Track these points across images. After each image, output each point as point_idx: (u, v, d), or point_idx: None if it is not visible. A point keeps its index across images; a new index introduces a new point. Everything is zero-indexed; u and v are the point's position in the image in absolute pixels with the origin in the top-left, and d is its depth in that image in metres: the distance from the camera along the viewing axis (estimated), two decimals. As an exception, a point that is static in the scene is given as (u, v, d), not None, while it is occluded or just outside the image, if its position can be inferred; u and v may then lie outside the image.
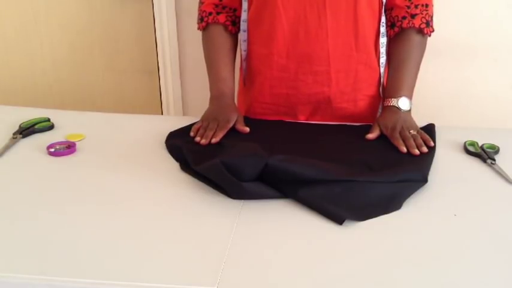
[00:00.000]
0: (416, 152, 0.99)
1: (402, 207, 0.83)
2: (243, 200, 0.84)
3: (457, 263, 0.69)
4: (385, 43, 1.21)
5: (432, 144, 1.03)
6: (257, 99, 1.25)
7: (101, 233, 0.75)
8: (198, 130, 1.09)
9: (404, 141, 1.03)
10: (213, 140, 1.04)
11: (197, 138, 1.05)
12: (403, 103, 1.12)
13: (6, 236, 0.74)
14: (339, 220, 0.78)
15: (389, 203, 0.83)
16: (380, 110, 1.25)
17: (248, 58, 1.24)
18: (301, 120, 1.25)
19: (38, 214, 0.80)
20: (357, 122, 1.20)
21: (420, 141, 1.02)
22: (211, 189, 0.87)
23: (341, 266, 0.68)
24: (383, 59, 1.22)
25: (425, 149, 1.00)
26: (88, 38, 2.09)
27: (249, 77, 1.27)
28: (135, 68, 2.12)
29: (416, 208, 0.83)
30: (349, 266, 0.68)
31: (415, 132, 1.05)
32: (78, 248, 0.71)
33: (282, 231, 0.77)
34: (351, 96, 1.21)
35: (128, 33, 2.06)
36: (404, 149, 1.00)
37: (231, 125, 1.10)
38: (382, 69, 1.22)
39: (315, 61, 1.15)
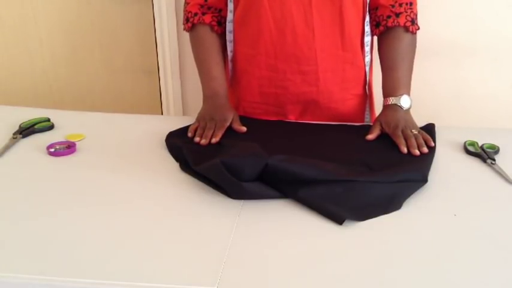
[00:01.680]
0: (417, 152, 0.99)
1: (402, 207, 0.83)
2: (243, 200, 0.84)
3: (457, 263, 0.69)
4: (370, 42, 1.22)
5: (433, 144, 1.03)
6: (246, 98, 1.25)
7: (101, 233, 0.75)
8: (195, 130, 1.09)
9: (405, 139, 1.03)
10: (213, 140, 1.04)
11: (196, 139, 1.05)
12: (404, 101, 1.12)
13: (6, 236, 0.74)
14: (339, 220, 0.78)
15: (389, 203, 0.83)
16: (368, 109, 1.26)
17: (234, 59, 1.24)
18: (291, 119, 1.25)
19: (37, 214, 0.80)
20: (345, 122, 1.21)
21: (421, 140, 1.03)
22: (211, 189, 0.87)
23: (341, 266, 0.68)
24: (368, 58, 1.23)
25: (425, 149, 1.00)
26: (88, 38, 2.09)
27: (235, 77, 1.26)
28: (135, 68, 2.12)
29: (416, 208, 0.83)
30: (349, 265, 0.68)
31: (416, 132, 1.05)
32: (78, 248, 0.71)
33: (282, 231, 0.77)
34: (339, 95, 1.22)
35: (127, 33, 2.06)
36: (405, 150, 1.00)
37: (228, 123, 1.10)
38: (367, 68, 1.23)
39: (302, 61, 1.16)
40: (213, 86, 1.19)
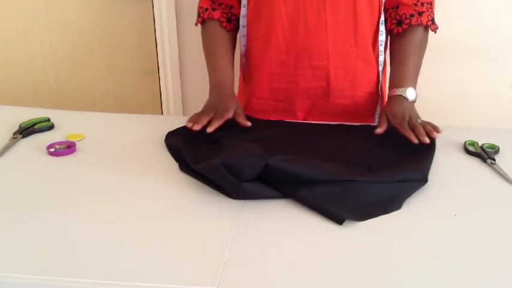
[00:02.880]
0: (427, 140, 0.98)
1: (402, 207, 0.83)
2: (243, 200, 0.84)
3: (457, 263, 0.69)
4: (384, 41, 1.21)
5: (441, 130, 1.02)
6: (256, 94, 1.25)
7: (100, 233, 0.75)
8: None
9: (413, 129, 1.02)
10: (209, 129, 1.02)
11: (189, 124, 1.04)
12: (410, 93, 1.12)
13: (6, 236, 0.74)
14: (339, 220, 0.78)
15: (389, 203, 0.83)
16: (379, 108, 1.26)
17: (247, 53, 1.25)
18: (300, 117, 1.25)
19: (37, 214, 0.80)
20: (355, 119, 1.21)
21: (429, 127, 1.02)
22: (211, 189, 0.87)
23: (341, 265, 0.68)
24: (381, 57, 1.22)
25: (435, 135, 0.99)
26: (88, 38, 2.09)
27: (248, 72, 1.27)
28: (135, 68, 2.12)
29: (416, 208, 0.83)
30: (349, 265, 0.68)
31: (421, 121, 1.06)
32: (78, 248, 0.71)
33: (282, 231, 0.77)
34: (349, 92, 1.22)
35: (128, 33, 2.06)
36: (416, 140, 0.99)
37: (229, 115, 1.09)
38: (380, 67, 1.23)
39: (314, 56, 1.16)
40: (218, 76, 1.20)
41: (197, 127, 1.02)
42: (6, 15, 2.09)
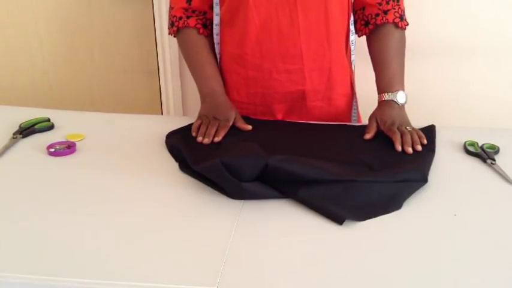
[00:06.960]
0: (410, 150, 1.00)
1: (402, 207, 0.83)
2: (243, 200, 0.84)
3: (457, 262, 0.69)
4: (355, 41, 1.23)
5: (425, 141, 1.03)
6: (233, 98, 1.25)
7: (100, 233, 0.75)
8: (198, 128, 1.09)
9: (401, 135, 1.04)
10: (216, 139, 1.03)
11: (199, 138, 1.04)
12: (400, 97, 1.13)
13: (6, 236, 0.74)
14: (339, 220, 0.78)
15: (390, 203, 0.83)
16: (354, 109, 1.27)
17: (221, 60, 1.25)
18: (278, 119, 1.25)
19: (37, 214, 0.80)
20: (332, 121, 1.22)
21: (416, 138, 1.03)
22: (211, 189, 0.87)
23: (341, 266, 0.68)
24: (353, 57, 1.24)
25: (419, 147, 1.01)
26: (88, 38, 2.09)
27: (222, 78, 1.26)
28: (135, 68, 2.12)
29: (416, 208, 0.83)
30: (349, 265, 0.68)
31: (410, 129, 1.07)
32: (78, 248, 0.71)
33: (282, 231, 0.77)
34: (325, 94, 1.22)
35: (128, 33, 2.06)
36: (400, 148, 1.01)
37: (231, 123, 1.10)
38: (352, 67, 1.24)
39: (288, 59, 1.16)
40: (209, 84, 1.19)
41: (208, 140, 1.03)
42: (6, 15, 2.09)
